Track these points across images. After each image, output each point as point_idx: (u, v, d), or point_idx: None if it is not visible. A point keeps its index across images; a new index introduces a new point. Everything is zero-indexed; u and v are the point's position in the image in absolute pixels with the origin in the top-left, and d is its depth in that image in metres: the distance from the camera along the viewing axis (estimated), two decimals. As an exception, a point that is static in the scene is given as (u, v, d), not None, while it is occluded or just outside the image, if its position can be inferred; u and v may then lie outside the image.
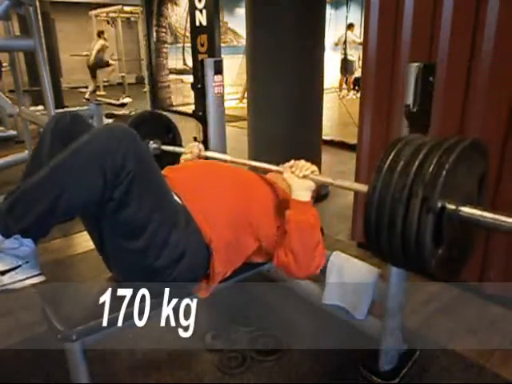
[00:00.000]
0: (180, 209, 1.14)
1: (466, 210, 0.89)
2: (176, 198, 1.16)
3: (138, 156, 0.98)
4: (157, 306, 1.18)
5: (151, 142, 1.87)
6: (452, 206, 0.87)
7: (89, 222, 1.17)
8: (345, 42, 7.98)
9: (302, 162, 1.26)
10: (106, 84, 10.32)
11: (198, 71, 2.01)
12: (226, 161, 1.56)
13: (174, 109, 7.61)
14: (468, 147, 0.88)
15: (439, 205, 0.84)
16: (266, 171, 1.42)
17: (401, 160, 0.89)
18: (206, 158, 1.63)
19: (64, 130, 1.12)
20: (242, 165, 1.48)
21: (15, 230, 0.95)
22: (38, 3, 2.46)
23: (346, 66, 8.30)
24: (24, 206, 0.94)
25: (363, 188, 1.05)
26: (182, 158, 1.68)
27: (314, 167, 1.26)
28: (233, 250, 1.23)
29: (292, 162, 1.28)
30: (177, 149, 1.82)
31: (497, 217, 0.87)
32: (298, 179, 1.22)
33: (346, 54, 8.34)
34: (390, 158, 0.91)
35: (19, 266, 0.97)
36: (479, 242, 1.79)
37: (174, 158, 1.88)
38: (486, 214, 0.88)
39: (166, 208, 1.09)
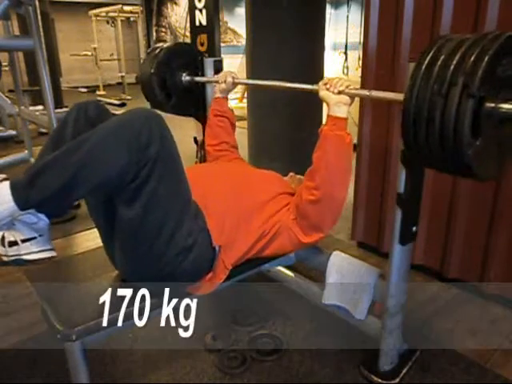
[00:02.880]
0: (193, 201, 1.15)
1: (507, 106, 0.88)
2: None
3: (162, 138, 0.99)
4: (157, 306, 1.18)
5: (184, 74, 1.89)
6: (491, 103, 0.87)
7: (99, 210, 1.16)
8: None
9: (336, 78, 1.26)
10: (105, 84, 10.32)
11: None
12: (256, 85, 1.62)
13: (174, 108, 7.63)
14: (510, 39, 0.86)
15: (479, 93, 0.83)
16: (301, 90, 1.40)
17: (442, 55, 0.89)
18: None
19: (88, 116, 1.13)
20: (279, 87, 1.52)
21: (33, 202, 0.94)
22: (37, 3, 2.46)
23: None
24: (44, 179, 0.94)
25: (399, 96, 1.03)
26: (217, 87, 1.71)
27: (348, 81, 1.25)
28: (244, 249, 1.23)
29: (326, 79, 1.28)
30: (211, 78, 1.83)
31: None
32: (334, 95, 1.22)
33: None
34: (431, 53, 0.91)
35: (34, 238, 0.97)
36: (478, 244, 1.79)
37: (203, 88, 1.93)
38: None
39: (182, 195, 1.10)
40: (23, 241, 0.96)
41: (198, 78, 1.90)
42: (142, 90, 1.94)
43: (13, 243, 0.95)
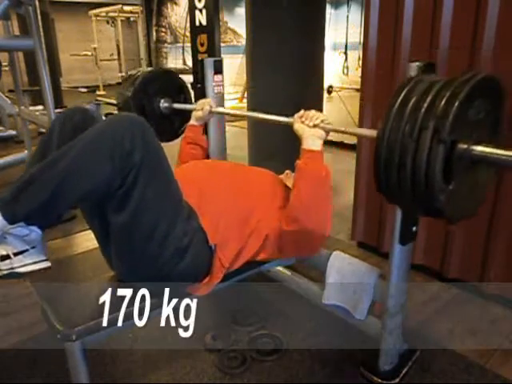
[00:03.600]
0: (184, 201, 1.14)
1: (479, 148, 0.87)
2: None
3: (146, 143, 0.99)
4: (157, 306, 1.18)
5: (162, 100, 1.87)
6: (464, 143, 0.86)
7: (93, 215, 1.16)
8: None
9: (313, 111, 1.26)
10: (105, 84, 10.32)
11: (197, 71, 2.01)
12: (235, 115, 1.59)
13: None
14: (481, 82, 0.86)
15: (451, 138, 0.83)
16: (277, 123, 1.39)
17: (412, 97, 0.88)
18: (215, 113, 1.66)
19: (74, 124, 1.13)
20: (254, 118, 1.49)
21: (20, 216, 0.94)
22: (37, 3, 2.46)
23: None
24: (29, 192, 0.94)
25: (373, 133, 1.03)
26: (194, 114, 1.69)
27: (324, 116, 1.25)
28: (239, 248, 1.23)
29: (302, 112, 1.28)
30: (188, 106, 1.82)
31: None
32: (308, 129, 1.23)
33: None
34: (402, 95, 0.90)
35: (26, 251, 0.97)
36: (478, 244, 1.79)
37: (185, 117, 1.88)
38: (500, 151, 0.86)
39: (172, 197, 1.10)
40: (15, 254, 0.95)
41: (175, 105, 1.87)
42: None
43: (5, 257, 0.95)
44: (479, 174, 0.97)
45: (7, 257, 0.94)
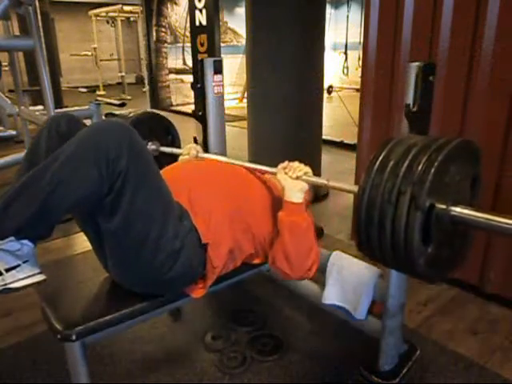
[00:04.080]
0: (175, 203, 1.14)
1: (458, 209, 0.88)
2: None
3: (132, 149, 0.98)
4: (156, 306, 1.18)
5: (150, 143, 1.88)
6: (442, 206, 0.87)
7: (85, 222, 1.16)
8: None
9: (296, 163, 1.27)
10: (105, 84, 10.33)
11: (197, 71, 2.01)
12: (222, 161, 1.57)
13: (174, 108, 7.63)
14: (457, 146, 0.88)
15: (427, 203, 0.84)
16: (262, 172, 1.42)
17: (390, 160, 0.89)
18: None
19: (60, 132, 1.12)
20: (238, 166, 1.49)
21: (10, 231, 0.93)
22: (37, 3, 2.46)
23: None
24: (17, 206, 0.93)
25: (354, 189, 1.05)
26: (180, 159, 1.68)
27: (308, 169, 1.26)
28: (230, 248, 1.23)
29: (286, 163, 1.28)
30: (175, 150, 1.82)
31: (490, 217, 0.86)
32: (291, 180, 1.23)
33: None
34: (380, 158, 0.91)
35: (19, 266, 0.96)
36: (478, 244, 1.79)
37: (172, 160, 1.88)
38: (478, 214, 0.87)
39: (162, 200, 1.09)
40: (7, 270, 0.94)
41: (163, 148, 1.87)
42: None
43: None
44: (457, 232, 0.97)
45: None
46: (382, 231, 0.88)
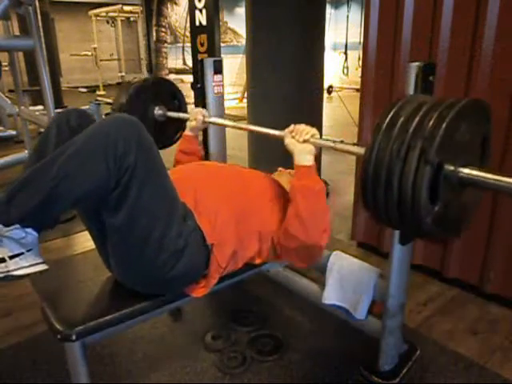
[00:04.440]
0: (179, 202, 1.14)
1: (466, 170, 0.88)
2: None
3: (140, 144, 0.99)
4: (156, 306, 1.18)
5: (156, 108, 1.88)
6: (451, 165, 0.86)
7: (89, 219, 1.16)
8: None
9: (302, 126, 1.26)
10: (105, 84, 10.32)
11: (197, 71, 2.01)
12: (228, 126, 1.61)
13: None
14: (468, 105, 0.87)
15: (437, 159, 0.83)
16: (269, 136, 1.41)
17: (400, 117, 0.88)
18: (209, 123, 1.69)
19: (70, 126, 1.12)
20: (244, 130, 1.50)
21: (15, 218, 0.94)
22: (37, 3, 2.46)
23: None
24: (24, 194, 0.94)
25: (361, 150, 1.03)
26: (188, 124, 1.70)
27: (314, 130, 1.25)
28: (235, 249, 1.23)
29: (292, 126, 1.28)
30: (181, 115, 1.83)
31: (499, 178, 0.85)
32: (299, 144, 1.23)
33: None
34: (389, 116, 0.90)
35: (22, 254, 0.97)
36: (478, 244, 1.79)
37: (180, 125, 1.89)
38: (487, 174, 0.87)
39: (167, 198, 1.09)
40: (11, 257, 0.95)
41: (170, 113, 1.88)
42: None
43: (1, 260, 0.95)
44: (466, 195, 0.97)
45: (2, 260, 0.94)
46: (389, 190, 0.87)
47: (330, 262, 1.51)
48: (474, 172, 0.88)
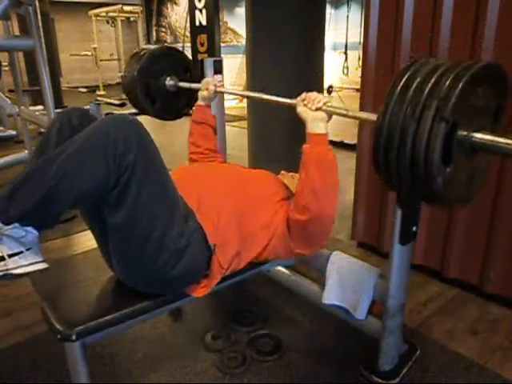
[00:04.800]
0: (181, 202, 1.14)
1: (479, 135, 0.88)
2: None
3: (140, 143, 0.99)
4: (156, 306, 1.18)
5: (168, 78, 1.89)
6: (464, 132, 0.86)
7: (92, 219, 1.16)
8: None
9: (314, 93, 1.26)
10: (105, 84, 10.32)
11: (197, 71, 2.01)
12: (238, 95, 1.64)
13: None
14: (486, 67, 0.86)
15: (452, 118, 0.83)
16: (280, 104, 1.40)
17: (416, 79, 0.88)
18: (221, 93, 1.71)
19: (72, 125, 1.12)
20: (257, 99, 1.56)
21: (14, 216, 0.94)
22: (37, 3, 2.46)
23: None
24: (23, 193, 0.94)
25: (373, 117, 1.02)
26: (199, 94, 1.70)
27: (326, 98, 1.25)
28: (238, 249, 1.23)
29: (304, 94, 1.28)
30: (193, 85, 1.84)
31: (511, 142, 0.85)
32: (311, 112, 1.22)
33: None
34: (404, 78, 0.90)
35: (21, 252, 0.97)
36: (478, 244, 1.79)
37: (191, 96, 1.90)
38: (500, 139, 0.86)
39: (168, 197, 1.09)
40: (10, 256, 0.95)
41: (181, 84, 1.88)
42: (126, 94, 1.93)
43: (0, 258, 0.95)
44: (478, 161, 0.97)
45: (2, 258, 0.94)
46: (402, 150, 0.87)
47: (329, 262, 1.51)
48: (488, 137, 0.88)
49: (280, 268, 1.78)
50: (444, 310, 1.78)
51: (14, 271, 0.95)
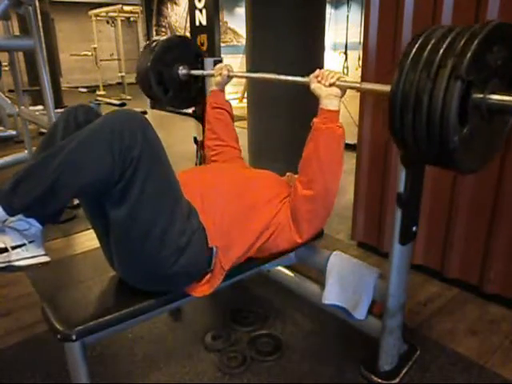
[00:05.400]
0: (183, 199, 1.14)
1: (496, 97, 0.88)
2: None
3: (145, 139, 0.99)
4: (157, 306, 1.18)
5: (181, 67, 1.91)
6: (480, 94, 0.86)
7: (94, 216, 1.17)
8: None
9: (327, 70, 1.28)
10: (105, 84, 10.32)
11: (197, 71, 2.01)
12: (250, 77, 1.67)
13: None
14: (503, 25, 0.86)
15: (468, 77, 0.82)
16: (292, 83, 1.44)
17: (430, 41, 0.88)
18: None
19: (77, 122, 1.13)
20: (271, 80, 1.61)
21: (18, 207, 0.95)
22: (37, 3, 2.46)
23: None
24: (28, 184, 0.94)
25: (387, 88, 1.02)
26: (213, 80, 1.75)
27: (340, 73, 1.27)
28: (242, 251, 1.23)
29: (317, 71, 1.30)
30: (205, 72, 1.88)
31: None
32: (325, 88, 1.25)
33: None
34: (421, 40, 0.90)
35: (24, 245, 0.97)
36: (478, 244, 1.79)
37: (202, 84, 1.96)
38: None
39: (171, 194, 1.10)
40: (13, 247, 0.95)
41: (193, 72, 1.92)
42: (139, 84, 1.95)
43: (3, 250, 0.95)
44: (493, 126, 0.96)
45: (5, 249, 0.94)
46: (418, 110, 0.87)
47: (329, 262, 1.51)
48: (505, 97, 0.88)
49: (280, 268, 1.78)
50: (444, 310, 1.78)
51: (17, 263, 0.96)
